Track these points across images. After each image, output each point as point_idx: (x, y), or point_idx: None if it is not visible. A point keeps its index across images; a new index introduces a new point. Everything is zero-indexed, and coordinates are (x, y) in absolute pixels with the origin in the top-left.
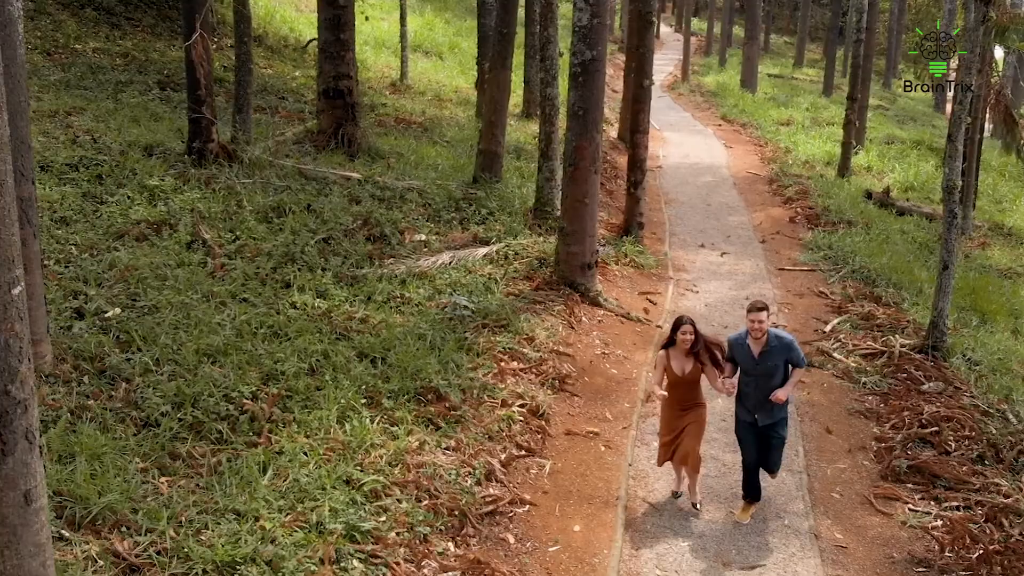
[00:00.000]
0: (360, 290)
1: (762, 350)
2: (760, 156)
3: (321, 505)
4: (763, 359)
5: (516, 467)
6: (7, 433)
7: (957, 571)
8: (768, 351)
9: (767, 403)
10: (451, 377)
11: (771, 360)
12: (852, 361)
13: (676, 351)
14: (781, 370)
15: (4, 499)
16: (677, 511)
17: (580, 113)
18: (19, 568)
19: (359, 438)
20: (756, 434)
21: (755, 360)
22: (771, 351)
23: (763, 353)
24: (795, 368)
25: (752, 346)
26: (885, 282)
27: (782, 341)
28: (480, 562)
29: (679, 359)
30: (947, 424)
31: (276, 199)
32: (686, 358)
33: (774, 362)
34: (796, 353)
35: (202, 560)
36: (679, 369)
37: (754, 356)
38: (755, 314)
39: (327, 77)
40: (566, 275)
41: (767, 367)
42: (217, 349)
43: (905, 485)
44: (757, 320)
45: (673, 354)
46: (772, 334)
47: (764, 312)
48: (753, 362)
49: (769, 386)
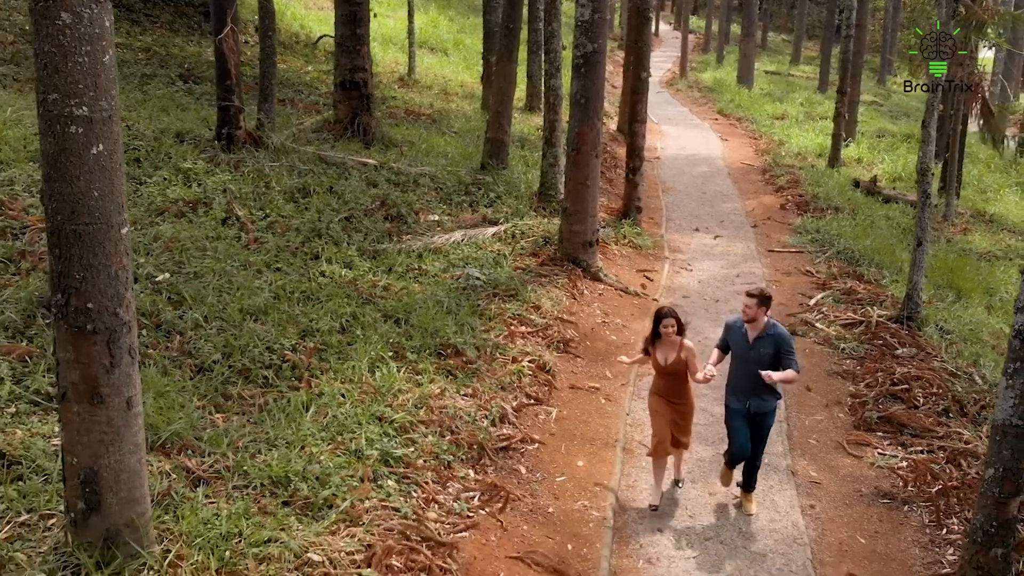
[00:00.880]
0: (381, 262)
1: (757, 336)
2: (754, 148)
3: (358, 436)
4: (756, 345)
5: (526, 413)
6: (115, 348)
7: (918, 502)
8: (762, 338)
9: (756, 391)
10: (467, 336)
11: (763, 348)
12: (833, 330)
13: (661, 342)
14: (771, 361)
15: (111, 403)
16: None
17: (582, 102)
18: (120, 462)
19: (388, 384)
20: (744, 420)
21: (748, 345)
22: (765, 338)
23: (757, 339)
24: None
25: (748, 331)
26: (868, 262)
27: (776, 332)
28: (496, 486)
29: (663, 350)
30: (917, 383)
31: (301, 181)
32: (670, 348)
33: (766, 350)
34: (790, 354)
35: (259, 475)
36: (663, 359)
37: (748, 341)
38: (745, 298)
39: (344, 70)
40: (569, 252)
41: (759, 354)
42: (258, 309)
43: (875, 433)
44: (744, 304)
45: (659, 345)
46: (770, 323)
47: (755, 299)
48: (746, 346)
49: (759, 376)
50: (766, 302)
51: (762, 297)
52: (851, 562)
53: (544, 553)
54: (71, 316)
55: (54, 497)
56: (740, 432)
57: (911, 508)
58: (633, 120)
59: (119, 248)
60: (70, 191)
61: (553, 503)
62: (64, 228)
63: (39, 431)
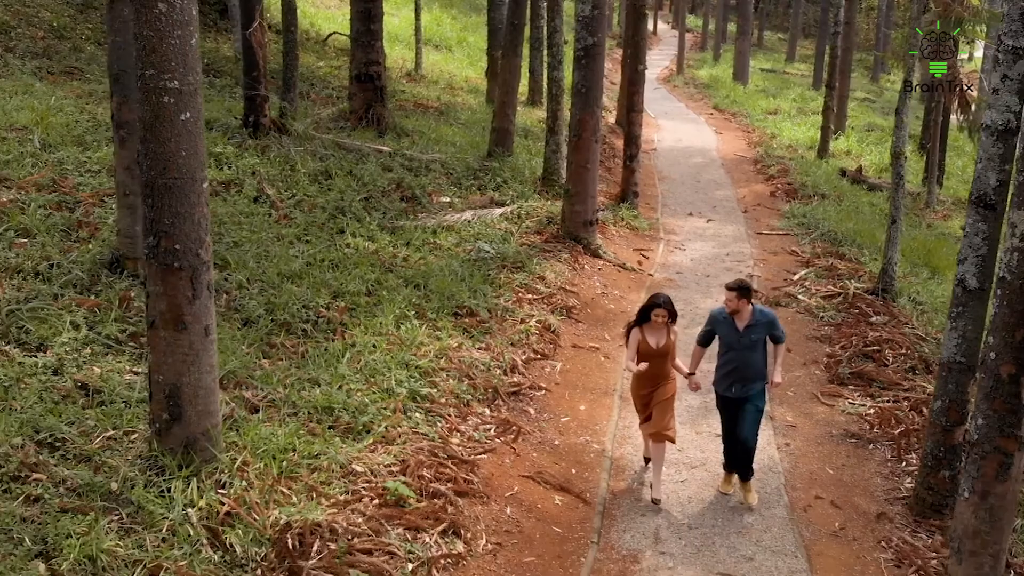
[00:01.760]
0: (400, 237)
1: (747, 324)
2: (747, 141)
3: (388, 378)
4: (747, 333)
5: (533, 365)
6: (196, 283)
7: (882, 442)
8: (753, 325)
9: (747, 377)
10: (480, 300)
11: (755, 334)
12: (814, 301)
13: (650, 327)
14: (762, 344)
15: (192, 330)
16: None
17: (583, 91)
18: (198, 380)
19: (412, 337)
20: (735, 404)
21: (739, 334)
22: (755, 325)
23: (748, 327)
24: (777, 344)
25: (737, 321)
26: (849, 243)
27: (765, 316)
28: (509, 422)
29: (653, 334)
30: (887, 344)
31: (323, 165)
32: (660, 332)
33: (758, 336)
34: (778, 330)
35: (306, 405)
36: (654, 343)
37: (738, 330)
38: (726, 292)
39: (359, 63)
40: (571, 230)
41: (751, 340)
42: (294, 273)
43: (847, 386)
44: (726, 298)
45: (647, 330)
46: (757, 309)
47: (734, 292)
48: (737, 335)
49: (750, 359)
50: (747, 293)
51: (741, 289)
52: (819, 488)
53: (551, 474)
54: (161, 256)
55: (134, 418)
56: (731, 416)
57: (875, 446)
58: (630, 110)
59: (200, 199)
60: (162, 151)
61: (559, 438)
62: (157, 182)
63: (113, 367)
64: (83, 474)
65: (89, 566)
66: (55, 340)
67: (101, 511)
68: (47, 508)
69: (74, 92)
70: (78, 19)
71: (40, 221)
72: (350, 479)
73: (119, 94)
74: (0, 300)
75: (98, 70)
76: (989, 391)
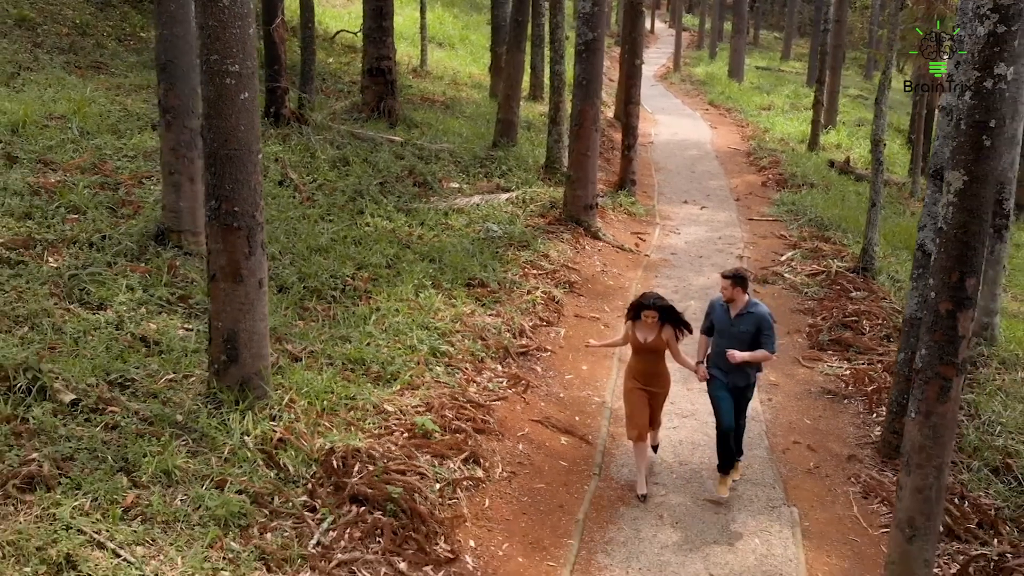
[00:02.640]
0: (414, 218)
1: (738, 313)
2: (741, 135)
3: (411, 337)
4: (736, 322)
5: (540, 331)
6: (252, 241)
7: (856, 397)
8: (743, 315)
9: (735, 367)
10: (489, 273)
11: (744, 325)
12: (799, 279)
13: (642, 323)
14: (752, 340)
15: (248, 282)
16: None
17: (584, 83)
18: (252, 327)
19: (429, 304)
20: (727, 390)
21: (730, 321)
22: (745, 316)
23: (738, 316)
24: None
25: (730, 308)
26: (835, 228)
27: (757, 310)
28: (519, 376)
29: (642, 330)
30: (865, 316)
31: (341, 153)
32: (649, 330)
33: (746, 328)
34: (766, 333)
35: (341, 356)
36: (641, 337)
37: (730, 317)
38: (721, 279)
39: (371, 58)
40: (572, 213)
41: (739, 331)
42: (320, 247)
43: (827, 352)
44: (722, 286)
45: (638, 325)
46: (752, 302)
47: (729, 280)
48: (728, 322)
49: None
50: (741, 282)
51: (736, 277)
52: (797, 435)
53: (558, 420)
54: (222, 217)
55: (190, 364)
56: (724, 402)
57: (849, 401)
58: (628, 103)
59: (256, 168)
60: (224, 125)
61: (563, 391)
62: (219, 152)
63: (167, 324)
64: (152, 407)
65: (164, 479)
66: (114, 300)
67: (171, 436)
68: (124, 433)
69: (103, 85)
70: (99, 16)
71: (88, 199)
72: (382, 416)
73: (166, 82)
74: (61, 266)
75: (122, 65)
76: (931, 325)
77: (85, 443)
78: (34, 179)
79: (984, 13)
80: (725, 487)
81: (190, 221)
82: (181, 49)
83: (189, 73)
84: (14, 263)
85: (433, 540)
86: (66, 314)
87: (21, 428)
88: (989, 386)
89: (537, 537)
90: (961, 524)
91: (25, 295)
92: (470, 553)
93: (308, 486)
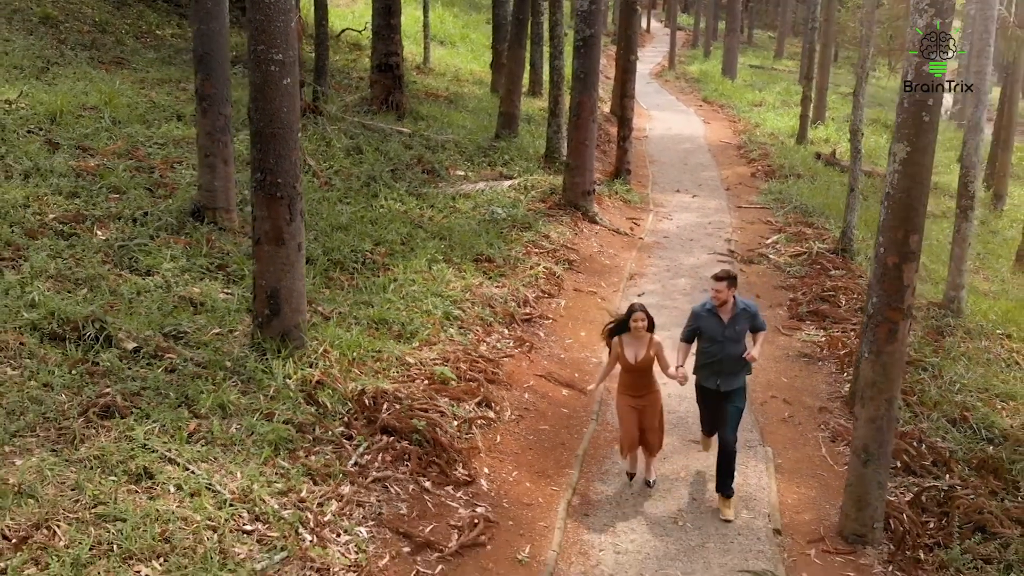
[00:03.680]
0: (424, 201)
1: (731, 316)
2: (733, 130)
3: (426, 303)
4: (731, 324)
5: (542, 301)
6: (293, 209)
7: (829, 360)
8: (736, 316)
9: (732, 368)
10: (495, 250)
11: (739, 325)
12: (782, 259)
13: (629, 338)
14: (744, 336)
15: (288, 245)
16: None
17: (582, 76)
18: (292, 285)
19: (441, 276)
20: (716, 399)
21: (724, 326)
22: (739, 316)
23: (732, 319)
24: (758, 332)
25: (721, 313)
26: (818, 214)
27: (748, 307)
28: (523, 339)
29: (632, 346)
30: (842, 291)
31: (354, 142)
32: (639, 344)
33: (742, 327)
34: (759, 319)
35: (365, 317)
36: (632, 356)
37: (723, 322)
38: (714, 283)
39: (380, 54)
40: (571, 199)
41: (735, 332)
42: (341, 225)
43: (805, 322)
44: (714, 289)
45: (626, 341)
46: (739, 300)
47: (724, 282)
48: (722, 328)
49: (735, 351)
50: (734, 282)
51: (730, 278)
52: (775, 390)
53: (559, 375)
54: (266, 188)
55: (234, 321)
56: (711, 408)
57: (823, 363)
58: (623, 96)
59: (296, 145)
60: (269, 107)
61: (564, 353)
62: (264, 131)
63: (210, 288)
64: (205, 354)
65: (220, 412)
66: (160, 267)
67: (223, 378)
68: (182, 375)
69: (127, 79)
70: (116, 15)
71: (127, 180)
72: (405, 367)
73: (202, 72)
74: (109, 238)
75: (141, 61)
76: (880, 276)
77: (149, 382)
78: (75, 163)
79: (923, 7)
80: (730, 509)
81: (224, 199)
82: (216, 43)
83: (223, 65)
84: (67, 235)
85: (453, 466)
86: (119, 278)
87: (93, 369)
88: (954, 351)
89: (542, 467)
90: (917, 462)
91: (82, 261)
92: (484, 478)
93: (344, 419)
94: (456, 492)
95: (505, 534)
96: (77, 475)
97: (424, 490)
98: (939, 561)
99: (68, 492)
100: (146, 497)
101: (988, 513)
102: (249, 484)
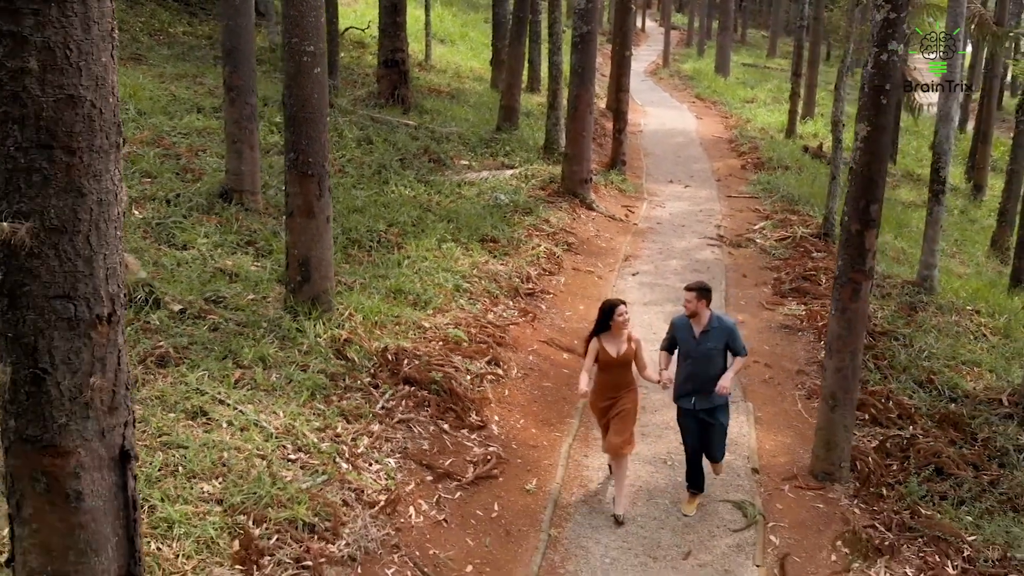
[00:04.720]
0: (432, 188)
1: (702, 330)
2: (725, 125)
3: (437, 277)
4: (703, 340)
5: (543, 278)
6: (322, 186)
7: (808, 331)
8: (708, 331)
9: (705, 387)
10: (499, 232)
11: (710, 342)
12: (768, 244)
13: (609, 335)
14: (721, 356)
15: (318, 218)
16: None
17: (579, 71)
18: (321, 254)
19: (450, 253)
20: (696, 420)
21: (695, 340)
22: (711, 332)
23: (703, 333)
24: (736, 356)
25: (693, 326)
26: (804, 203)
27: (723, 324)
28: (527, 310)
29: (613, 342)
30: (823, 271)
31: (364, 133)
32: (620, 339)
33: (714, 344)
34: (737, 340)
35: (383, 288)
36: (614, 351)
37: (694, 336)
38: (685, 292)
39: (386, 50)
40: (569, 187)
41: (707, 349)
42: (356, 208)
43: (787, 298)
44: (685, 299)
45: (605, 339)
46: (714, 316)
47: (693, 293)
48: (693, 343)
49: (708, 371)
50: (705, 294)
51: (700, 290)
52: (757, 356)
53: (560, 342)
54: (299, 166)
55: (267, 288)
56: (689, 429)
57: (803, 334)
58: (618, 91)
59: (325, 127)
60: (301, 94)
61: (564, 323)
62: (297, 115)
63: (242, 261)
64: (243, 315)
65: (261, 363)
66: (196, 242)
67: (261, 335)
68: (224, 332)
69: (147, 74)
70: (130, 13)
71: (157, 166)
72: (421, 330)
73: (230, 64)
74: (147, 216)
75: (157, 57)
76: (844, 242)
77: (196, 338)
78: None
79: (879, 3)
80: (692, 506)
81: (250, 182)
82: (243, 37)
83: (249, 58)
84: None
85: (467, 412)
86: (159, 251)
87: (145, 326)
88: (926, 324)
89: (546, 417)
90: (884, 415)
91: (125, 236)
92: (495, 424)
93: (370, 372)
94: (471, 434)
95: (514, 469)
96: (143, 411)
97: (443, 431)
98: (899, 495)
99: (136, 424)
100: (202, 431)
101: (946, 457)
102: (291, 422)
